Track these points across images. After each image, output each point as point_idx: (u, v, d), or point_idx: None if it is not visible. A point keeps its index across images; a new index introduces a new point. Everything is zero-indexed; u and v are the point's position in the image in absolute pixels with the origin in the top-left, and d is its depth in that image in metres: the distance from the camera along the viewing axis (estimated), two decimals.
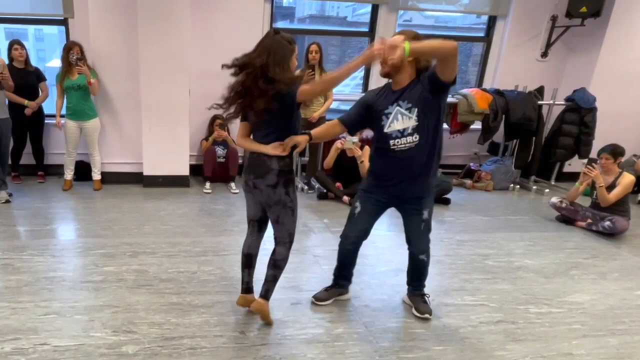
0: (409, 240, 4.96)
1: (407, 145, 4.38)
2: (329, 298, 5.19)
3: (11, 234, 6.84)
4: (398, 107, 4.33)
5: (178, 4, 8.33)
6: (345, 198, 8.71)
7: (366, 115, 4.60)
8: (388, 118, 4.36)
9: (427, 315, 5.02)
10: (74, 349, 4.18)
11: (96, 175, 9.14)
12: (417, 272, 5.16)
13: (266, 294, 4.65)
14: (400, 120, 4.31)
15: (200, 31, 9.14)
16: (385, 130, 4.39)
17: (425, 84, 4.21)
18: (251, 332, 4.60)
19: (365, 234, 5.00)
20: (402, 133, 4.34)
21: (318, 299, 5.16)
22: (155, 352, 4.20)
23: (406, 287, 5.29)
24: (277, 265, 4.62)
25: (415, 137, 4.32)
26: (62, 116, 8.80)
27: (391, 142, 4.39)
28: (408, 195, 4.65)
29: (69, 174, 9.04)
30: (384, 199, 4.75)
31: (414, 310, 5.10)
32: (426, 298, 5.21)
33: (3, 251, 6.18)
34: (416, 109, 4.26)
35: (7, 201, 7.89)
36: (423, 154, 4.41)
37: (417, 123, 4.28)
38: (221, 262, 5.77)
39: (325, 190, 9.06)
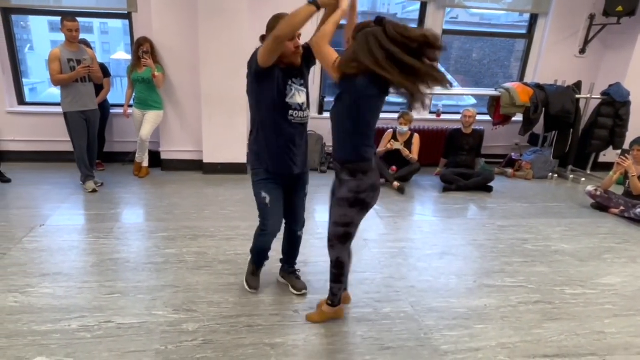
0: (294, 218, 4.77)
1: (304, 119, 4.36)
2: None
3: (78, 218, 6.94)
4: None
5: None
6: (395, 184, 8.77)
7: None
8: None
9: (304, 291, 4.99)
10: (137, 327, 4.26)
11: (142, 161, 9.16)
12: (295, 249, 5.06)
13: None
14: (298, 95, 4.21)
15: (256, 25, 9.03)
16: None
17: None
18: (305, 311, 4.64)
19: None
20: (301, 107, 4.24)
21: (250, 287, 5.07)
22: (214, 330, 4.27)
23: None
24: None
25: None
26: (130, 106, 8.97)
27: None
28: (299, 172, 4.50)
29: (140, 159, 9.12)
30: (281, 181, 4.46)
31: (291, 289, 5.06)
32: (298, 274, 5.19)
33: (70, 234, 6.28)
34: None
35: (95, 190, 7.96)
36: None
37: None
38: (276, 246, 5.75)
39: None
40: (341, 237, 4.03)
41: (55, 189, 8.02)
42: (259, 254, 4.88)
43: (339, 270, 4.21)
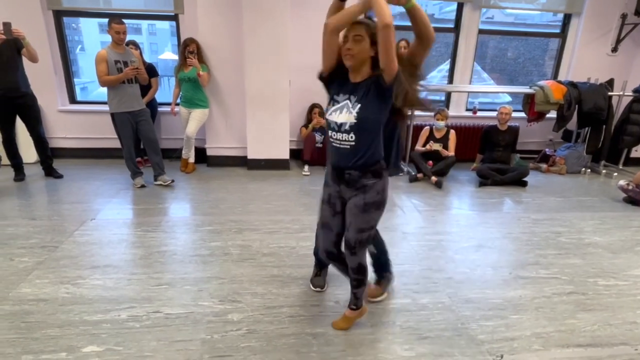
0: None
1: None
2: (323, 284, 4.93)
3: (128, 212, 6.99)
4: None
5: (279, 1, 8.44)
6: (433, 178, 8.72)
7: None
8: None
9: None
10: (184, 317, 4.29)
11: (189, 157, 9.31)
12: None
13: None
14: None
15: (298, 27, 9.21)
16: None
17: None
18: (346, 301, 4.54)
19: None
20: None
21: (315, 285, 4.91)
22: (257, 320, 4.28)
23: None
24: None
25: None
26: (177, 104, 9.09)
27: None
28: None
29: (186, 155, 9.27)
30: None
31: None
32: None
33: (119, 227, 6.35)
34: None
35: (143, 186, 8.06)
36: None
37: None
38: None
39: (415, 174, 9.13)
40: (365, 242, 3.81)
41: (105, 184, 8.13)
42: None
43: (363, 275, 4.01)
